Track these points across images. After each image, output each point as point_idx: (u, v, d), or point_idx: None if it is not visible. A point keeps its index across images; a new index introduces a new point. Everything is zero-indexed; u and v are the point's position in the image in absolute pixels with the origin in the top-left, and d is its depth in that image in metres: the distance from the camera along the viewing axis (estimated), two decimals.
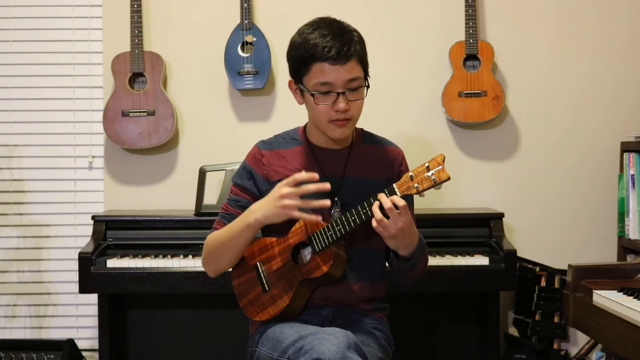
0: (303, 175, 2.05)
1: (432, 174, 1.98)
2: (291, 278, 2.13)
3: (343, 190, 2.19)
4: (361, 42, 2.14)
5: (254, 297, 2.19)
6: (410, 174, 2.01)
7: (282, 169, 2.20)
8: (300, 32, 2.14)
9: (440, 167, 1.98)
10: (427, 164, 1.99)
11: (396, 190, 2.02)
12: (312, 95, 2.10)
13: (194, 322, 3.33)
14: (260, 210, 2.09)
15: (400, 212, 2.00)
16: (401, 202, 2.00)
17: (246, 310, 2.22)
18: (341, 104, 2.09)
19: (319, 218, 2.06)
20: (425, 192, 2.01)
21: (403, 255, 2.12)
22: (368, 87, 2.14)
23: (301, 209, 2.05)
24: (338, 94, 2.09)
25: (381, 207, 2.01)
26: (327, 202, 2.05)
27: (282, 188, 2.05)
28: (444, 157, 1.99)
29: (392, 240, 2.06)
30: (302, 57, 2.10)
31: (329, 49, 2.06)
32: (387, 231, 2.02)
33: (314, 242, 2.10)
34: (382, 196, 2.02)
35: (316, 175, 2.05)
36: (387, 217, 2.01)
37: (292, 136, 2.26)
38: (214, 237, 2.21)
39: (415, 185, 2.00)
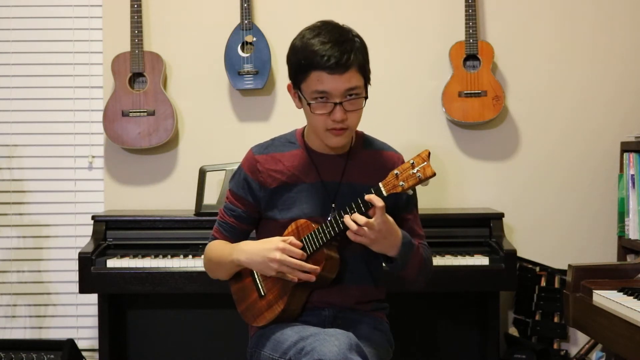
0: (306, 264, 2.05)
1: (417, 171, 1.94)
2: (285, 283, 2.11)
3: (340, 197, 2.17)
4: (363, 49, 2.09)
5: (250, 303, 2.19)
6: (395, 171, 1.98)
7: (279, 174, 2.18)
8: (301, 37, 2.09)
9: (425, 163, 1.93)
10: (412, 161, 1.95)
11: (382, 189, 1.99)
12: (309, 104, 2.07)
13: (194, 322, 3.33)
14: (246, 255, 2.11)
15: (371, 221, 1.98)
16: (377, 209, 1.98)
17: (244, 316, 2.23)
18: (338, 114, 2.05)
19: (295, 279, 2.06)
20: (412, 190, 1.98)
21: (394, 256, 2.09)
22: (366, 98, 2.10)
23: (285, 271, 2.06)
24: (335, 104, 2.05)
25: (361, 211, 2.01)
26: (317, 269, 2.05)
27: (276, 252, 2.04)
28: (429, 152, 1.95)
29: (376, 244, 2.04)
30: (300, 63, 2.06)
31: (328, 58, 2.01)
32: (367, 238, 2.01)
33: (306, 246, 2.09)
34: (355, 216, 2.00)
35: (318, 270, 2.06)
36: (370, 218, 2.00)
37: (289, 139, 2.24)
38: (209, 252, 2.24)
39: (401, 183, 1.96)
